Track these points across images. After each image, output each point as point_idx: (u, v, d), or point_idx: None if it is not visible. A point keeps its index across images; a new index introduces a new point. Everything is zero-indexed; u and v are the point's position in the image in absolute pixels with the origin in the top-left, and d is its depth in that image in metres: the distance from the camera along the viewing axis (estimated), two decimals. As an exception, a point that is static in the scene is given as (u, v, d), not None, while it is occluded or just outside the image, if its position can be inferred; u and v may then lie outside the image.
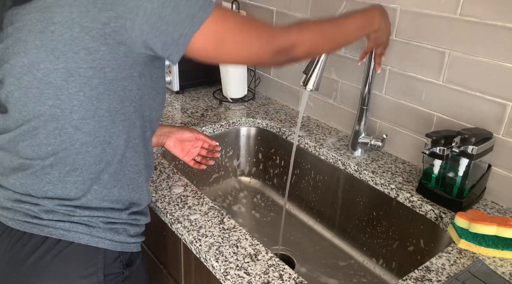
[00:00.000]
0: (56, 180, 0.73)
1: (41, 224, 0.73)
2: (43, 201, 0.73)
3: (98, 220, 0.75)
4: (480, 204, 0.99)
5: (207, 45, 0.69)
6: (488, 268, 0.81)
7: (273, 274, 0.77)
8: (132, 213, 0.80)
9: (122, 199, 0.78)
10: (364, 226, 1.16)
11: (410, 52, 1.07)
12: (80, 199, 0.74)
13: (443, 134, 0.95)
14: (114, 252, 0.77)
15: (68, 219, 0.74)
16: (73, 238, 0.73)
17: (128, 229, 0.79)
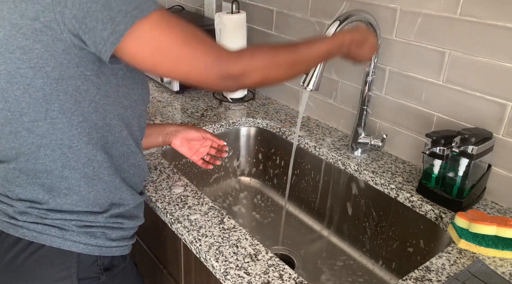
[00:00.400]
0: (25, 183, 0.71)
1: (17, 225, 0.72)
2: (16, 202, 0.72)
3: (71, 223, 0.73)
4: (480, 204, 0.99)
5: (142, 51, 0.62)
6: (488, 268, 0.81)
7: (273, 274, 0.77)
8: (112, 216, 0.77)
9: (99, 202, 0.75)
10: (364, 226, 1.16)
11: (410, 52, 1.07)
12: (50, 202, 0.72)
13: (443, 134, 0.95)
14: (90, 256, 0.75)
15: (41, 221, 0.72)
16: (45, 240, 0.72)
17: (108, 232, 0.76)
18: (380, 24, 1.07)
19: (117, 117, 0.73)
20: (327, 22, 1.25)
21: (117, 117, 0.73)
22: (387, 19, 1.09)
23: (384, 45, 1.11)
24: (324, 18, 1.25)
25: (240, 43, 1.36)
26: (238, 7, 1.35)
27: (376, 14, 1.09)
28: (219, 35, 1.35)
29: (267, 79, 0.70)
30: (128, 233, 0.81)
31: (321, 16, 1.26)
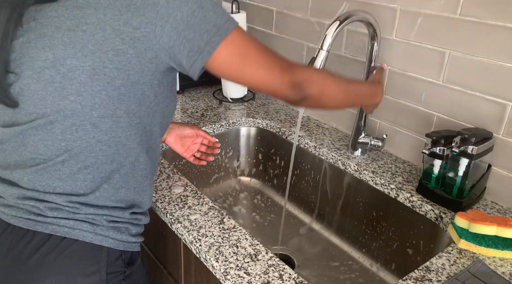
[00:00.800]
0: (67, 176, 0.73)
1: (45, 222, 0.73)
2: (50, 196, 0.73)
3: (102, 218, 0.76)
4: (480, 204, 0.99)
5: (231, 58, 0.70)
6: (488, 268, 0.81)
7: (273, 274, 0.77)
8: (133, 212, 0.81)
9: (126, 200, 0.78)
10: (364, 226, 1.16)
11: (410, 52, 1.07)
12: (88, 196, 0.74)
13: (443, 134, 0.95)
14: (116, 251, 0.77)
15: (72, 216, 0.74)
16: (77, 235, 0.74)
17: (130, 228, 0.79)
18: (380, 24, 1.07)
19: (159, 124, 0.79)
20: (327, 22, 1.25)
21: (158, 125, 0.79)
22: (387, 19, 1.09)
23: (384, 45, 1.11)
24: (324, 18, 1.25)
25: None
26: (238, 7, 1.35)
27: (376, 14, 1.09)
28: (219, 35, 1.35)
29: (325, 94, 0.77)
30: (142, 229, 0.84)
31: (321, 16, 1.26)
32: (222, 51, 0.69)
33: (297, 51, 1.38)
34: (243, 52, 0.71)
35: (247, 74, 0.72)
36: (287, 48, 1.41)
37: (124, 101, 0.71)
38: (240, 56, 0.71)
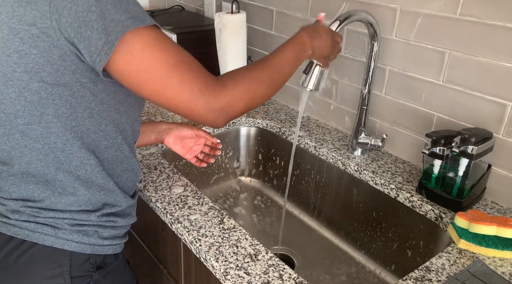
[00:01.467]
0: (19, 181, 0.71)
1: (9, 223, 0.72)
2: (8, 201, 0.73)
3: (63, 221, 0.73)
4: (480, 204, 0.99)
5: (130, 66, 0.61)
6: (488, 268, 0.81)
7: (273, 274, 0.77)
8: (104, 214, 0.77)
9: (92, 202, 0.75)
10: (364, 226, 1.16)
11: (410, 52, 1.07)
12: (44, 201, 0.72)
13: (443, 134, 0.95)
14: (83, 254, 0.75)
15: (33, 219, 0.72)
16: (38, 239, 0.72)
17: (100, 231, 0.76)
18: (380, 24, 1.07)
19: (112, 123, 0.73)
20: (327, 22, 1.25)
21: (112, 123, 0.73)
22: (387, 19, 1.09)
23: (384, 45, 1.11)
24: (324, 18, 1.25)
25: (240, 43, 1.37)
26: (238, 7, 1.35)
27: (376, 14, 1.09)
28: (219, 35, 1.35)
29: (253, 101, 0.70)
30: (121, 231, 0.81)
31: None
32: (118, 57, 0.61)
33: (297, 51, 1.38)
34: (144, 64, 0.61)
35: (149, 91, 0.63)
36: (287, 48, 1.41)
37: (49, 106, 0.66)
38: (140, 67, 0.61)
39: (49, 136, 0.68)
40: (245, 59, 1.41)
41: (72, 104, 0.67)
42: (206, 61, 1.65)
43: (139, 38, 0.61)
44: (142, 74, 0.62)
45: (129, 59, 0.61)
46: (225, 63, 1.39)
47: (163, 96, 0.64)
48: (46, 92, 0.65)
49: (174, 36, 1.39)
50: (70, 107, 0.67)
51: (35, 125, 0.67)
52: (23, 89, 0.65)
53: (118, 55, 0.61)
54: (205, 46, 1.49)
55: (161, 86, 0.63)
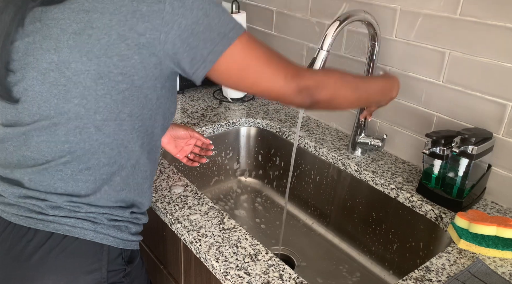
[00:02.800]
0: (68, 177, 0.73)
1: (47, 220, 0.73)
2: (51, 196, 0.74)
3: (103, 216, 0.76)
4: (480, 204, 0.99)
5: (232, 68, 0.70)
6: (488, 268, 0.81)
7: (273, 274, 0.77)
8: (133, 212, 0.81)
9: (126, 200, 0.79)
10: (364, 226, 1.16)
11: (410, 52, 1.07)
12: (89, 197, 0.75)
13: (443, 134, 0.95)
14: (117, 249, 0.78)
15: (74, 215, 0.74)
16: (79, 234, 0.74)
17: (130, 227, 0.80)
18: (380, 24, 1.07)
19: (160, 126, 0.80)
20: (327, 22, 1.25)
21: (160, 127, 0.80)
22: (387, 19, 1.09)
23: (384, 45, 1.11)
24: (324, 18, 1.25)
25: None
26: (238, 7, 1.35)
27: (376, 14, 1.09)
28: (219, 35, 1.35)
29: (337, 96, 0.77)
30: (141, 228, 0.85)
31: (321, 16, 1.26)
32: (223, 62, 0.69)
33: (297, 51, 1.38)
34: (245, 63, 0.70)
35: (248, 85, 0.73)
36: (287, 48, 1.41)
37: (128, 105, 0.71)
38: (241, 66, 0.71)
39: (119, 133, 0.73)
40: (245, 59, 1.41)
41: (143, 105, 0.73)
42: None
43: (238, 44, 0.70)
44: (242, 72, 0.71)
45: (231, 62, 0.70)
46: (225, 63, 1.39)
47: (261, 86, 0.72)
48: (129, 93, 0.70)
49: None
50: (141, 108, 0.73)
51: (111, 122, 0.72)
52: (111, 88, 0.69)
53: (222, 61, 0.69)
54: (205, 46, 1.49)
55: (259, 79, 0.72)
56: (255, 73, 0.71)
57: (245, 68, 0.71)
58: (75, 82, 0.68)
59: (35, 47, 0.69)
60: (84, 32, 0.67)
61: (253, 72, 0.71)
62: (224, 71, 0.71)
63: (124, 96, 0.70)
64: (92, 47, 0.67)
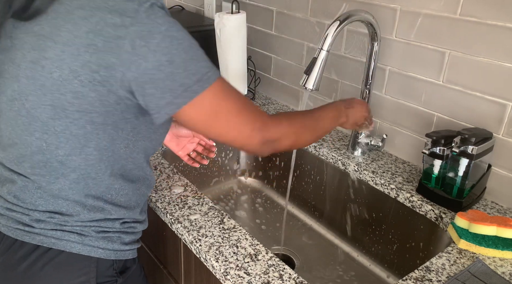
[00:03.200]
0: (48, 196, 0.71)
1: (33, 232, 0.72)
2: (33, 212, 0.72)
3: (90, 229, 0.73)
4: (480, 204, 0.99)
5: (197, 118, 0.66)
6: (488, 268, 0.81)
7: (273, 274, 0.77)
8: (126, 222, 0.78)
9: (114, 214, 0.76)
10: (364, 226, 1.16)
11: (410, 52, 1.07)
12: (73, 216, 0.72)
13: (443, 134, 0.95)
14: (107, 260, 0.75)
15: (60, 228, 0.72)
16: (65, 246, 0.72)
17: (123, 237, 0.77)
18: (380, 24, 1.07)
19: (142, 150, 0.75)
20: (327, 22, 1.25)
21: (142, 150, 0.75)
22: (387, 19, 1.09)
23: (384, 45, 1.11)
24: (324, 18, 1.25)
25: (240, 43, 1.36)
26: (238, 7, 1.35)
27: (376, 14, 1.09)
28: (219, 35, 1.35)
29: (297, 143, 0.79)
30: (137, 236, 0.82)
31: (321, 16, 1.26)
32: (187, 112, 0.65)
33: (297, 51, 1.38)
34: (212, 114, 0.66)
35: (214, 133, 0.69)
36: (287, 48, 1.41)
37: (92, 139, 0.67)
38: (208, 117, 0.66)
39: (86, 167, 0.69)
40: (245, 59, 1.41)
41: (113, 137, 0.68)
42: (206, 61, 1.63)
43: (206, 94, 0.64)
44: (210, 121, 0.67)
45: (195, 113, 0.65)
46: (225, 63, 1.39)
47: (227, 136, 0.70)
48: (91, 127, 0.66)
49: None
50: (110, 139, 0.68)
51: (75, 156, 0.68)
52: (70, 123, 0.65)
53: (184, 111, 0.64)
54: (205, 46, 1.48)
55: (226, 129, 0.69)
56: (223, 123, 0.68)
57: (212, 118, 0.67)
58: (33, 116, 0.65)
59: (3, 69, 0.66)
60: (38, 62, 0.62)
61: (221, 122, 0.68)
62: (189, 120, 0.67)
63: (86, 131, 0.66)
64: (45, 80, 0.62)
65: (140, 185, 0.79)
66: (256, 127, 0.70)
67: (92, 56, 0.60)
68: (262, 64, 1.53)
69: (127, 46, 0.59)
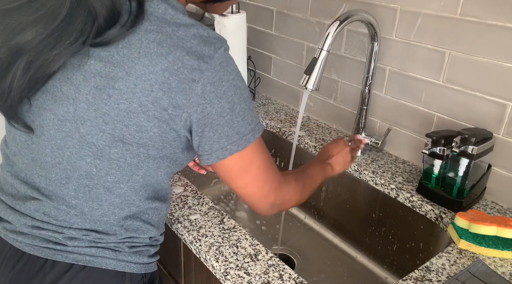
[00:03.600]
0: (84, 215, 0.70)
1: (66, 250, 0.69)
2: (68, 230, 0.69)
3: (124, 245, 0.73)
4: (480, 204, 0.99)
5: (234, 167, 0.67)
6: (488, 268, 0.81)
7: (273, 274, 0.77)
8: (151, 237, 0.78)
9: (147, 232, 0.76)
10: (364, 226, 1.16)
11: (410, 52, 1.07)
12: (109, 234, 0.71)
13: (443, 134, 0.95)
14: (138, 275, 0.75)
15: (94, 244, 0.70)
16: (100, 263, 0.70)
17: (150, 250, 0.77)
18: (380, 24, 1.07)
19: (172, 173, 0.75)
20: (327, 22, 1.25)
21: (171, 173, 0.75)
22: (387, 19, 1.09)
23: (384, 45, 1.11)
24: (324, 18, 1.25)
25: (240, 43, 1.36)
26: (238, 7, 1.35)
27: (376, 14, 1.09)
28: (219, 35, 1.35)
29: (298, 203, 0.82)
30: (158, 248, 0.82)
31: (321, 16, 1.26)
32: (230, 159, 0.66)
33: (297, 51, 1.38)
34: (248, 166, 0.68)
35: (239, 185, 0.70)
36: (287, 48, 1.41)
37: (143, 167, 0.67)
38: (243, 168, 0.68)
39: (131, 195, 0.70)
40: (245, 59, 1.41)
41: (159, 166, 0.69)
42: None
43: (253, 145, 0.67)
44: (241, 172, 0.68)
45: (235, 162, 0.67)
46: (225, 63, 1.39)
47: (247, 190, 0.71)
48: (144, 155, 0.66)
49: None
50: (156, 168, 0.69)
51: (123, 184, 0.68)
52: (126, 151, 0.65)
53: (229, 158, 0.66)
54: (205, 46, 1.49)
55: (250, 183, 0.70)
56: (250, 177, 0.69)
57: (245, 171, 0.68)
58: (88, 142, 0.64)
59: (54, 85, 0.63)
60: (104, 90, 0.61)
61: (250, 175, 0.69)
62: (225, 168, 0.68)
63: (139, 159, 0.66)
64: (110, 110, 0.61)
65: (167, 204, 0.80)
66: (273, 187, 0.72)
67: (165, 94, 0.60)
68: (262, 64, 1.53)
69: (198, 90, 0.61)
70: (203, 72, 0.60)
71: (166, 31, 0.60)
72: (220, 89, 0.62)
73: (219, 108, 0.62)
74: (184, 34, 0.61)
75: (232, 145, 0.65)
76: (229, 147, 0.65)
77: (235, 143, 0.65)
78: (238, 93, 0.64)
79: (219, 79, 0.62)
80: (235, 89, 0.63)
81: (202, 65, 0.60)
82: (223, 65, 0.62)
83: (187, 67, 0.60)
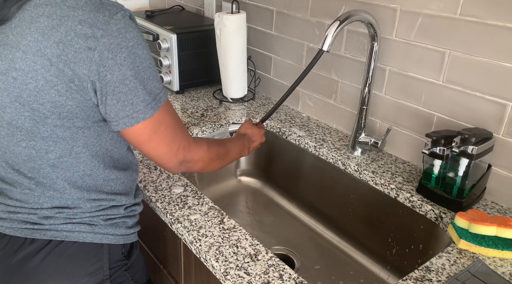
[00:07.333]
0: (50, 194, 0.72)
1: (43, 229, 0.73)
2: (40, 211, 0.72)
3: (99, 218, 0.76)
4: (480, 204, 0.99)
5: (142, 133, 0.68)
6: (488, 268, 0.81)
7: (273, 274, 0.77)
8: (128, 206, 0.81)
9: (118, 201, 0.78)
10: (364, 226, 1.16)
11: (410, 52, 1.07)
12: (80, 207, 0.74)
13: (443, 134, 0.95)
14: (117, 246, 0.78)
15: (69, 221, 0.73)
16: (77, 237, 0.73)
17: (127, 221, 0.80)
18: (380, 24, 1.07)
19: (122, 138, 0.76)
20: (327, 22, 1.25)
21: (122, 138, 0.76)
22: (387, 19, 1.09)
23: (384, 45, 1.11)
24: (324, 18, 1.25)
25: (240, 43, 1.37)
26: (238, 7, 1.35)
27: (376, 14, 1.09)
28: (219, 35, 1.35)
29: (207, 168, 0.84)
30: (137, 219, 0.85)
31: (321, 16, 1.26)
32: (139, 125, 0.67)
33: (297, 51, 1.38)
34: (156, 129, 0.69)
35: (149, 147, 0.71)
36: (287, 48, 1.41)
37: (80, 139, 0.68)
38: (152, 132, 0.69)
39: (78, 165, 0.70)
40: (245, 59, 1.41)
41: (99, 132, 0.70)
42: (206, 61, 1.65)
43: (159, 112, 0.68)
44: (150, 135, 0.69)
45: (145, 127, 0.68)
46: (225, 63, 1.39)
47: (157, 150, 0.72)
48: (76, 127, 0.67)
49: (174, 37, 1.39)
50: (97, 136, 0.70)
51: (66, 157, 0.69)
52: (54, 127, 0.65)
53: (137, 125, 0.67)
54: (205, 46, 1.49)
55: (159, 144, 0.71)
56: (160, 138, 0.70)
57: (155, 133, 0.69)
58: (15, 126, 0.65)
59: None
60: (9, 74, 0.61)
61: (159, 137, 0.70)
62: (132, 133, 0.68)
63: (72, 132, 0.67)
64: (21, 92, 0.62)
65: (131, 172, 0.81)
66: (181, 146, 0.74)
67: (66, 66, 0.60)
68: (262, 64, 1.53)
69: (96, 57, 0.60)
70: (99, 39, 0.60)
71: (56, 2, 0.60)
72: (119, 56, 0.61)
73: (120, 76, 0.62)
74: (74, 3, 0.60)
75: (138, 113, 0.65)
76: (135, 114, 0.65)
77: (141, 110, 0.65)
78: (138, 61, 0.63)
79: (118, 46, 0.61)
80: (135, 56, 0.63)
81: (97, 32, 0.60)
82: (121, 31, 0.61)
83: (80, 36, 0.59)
